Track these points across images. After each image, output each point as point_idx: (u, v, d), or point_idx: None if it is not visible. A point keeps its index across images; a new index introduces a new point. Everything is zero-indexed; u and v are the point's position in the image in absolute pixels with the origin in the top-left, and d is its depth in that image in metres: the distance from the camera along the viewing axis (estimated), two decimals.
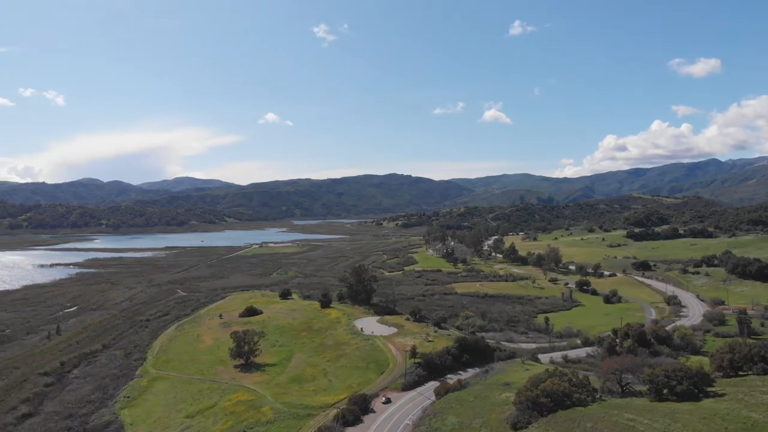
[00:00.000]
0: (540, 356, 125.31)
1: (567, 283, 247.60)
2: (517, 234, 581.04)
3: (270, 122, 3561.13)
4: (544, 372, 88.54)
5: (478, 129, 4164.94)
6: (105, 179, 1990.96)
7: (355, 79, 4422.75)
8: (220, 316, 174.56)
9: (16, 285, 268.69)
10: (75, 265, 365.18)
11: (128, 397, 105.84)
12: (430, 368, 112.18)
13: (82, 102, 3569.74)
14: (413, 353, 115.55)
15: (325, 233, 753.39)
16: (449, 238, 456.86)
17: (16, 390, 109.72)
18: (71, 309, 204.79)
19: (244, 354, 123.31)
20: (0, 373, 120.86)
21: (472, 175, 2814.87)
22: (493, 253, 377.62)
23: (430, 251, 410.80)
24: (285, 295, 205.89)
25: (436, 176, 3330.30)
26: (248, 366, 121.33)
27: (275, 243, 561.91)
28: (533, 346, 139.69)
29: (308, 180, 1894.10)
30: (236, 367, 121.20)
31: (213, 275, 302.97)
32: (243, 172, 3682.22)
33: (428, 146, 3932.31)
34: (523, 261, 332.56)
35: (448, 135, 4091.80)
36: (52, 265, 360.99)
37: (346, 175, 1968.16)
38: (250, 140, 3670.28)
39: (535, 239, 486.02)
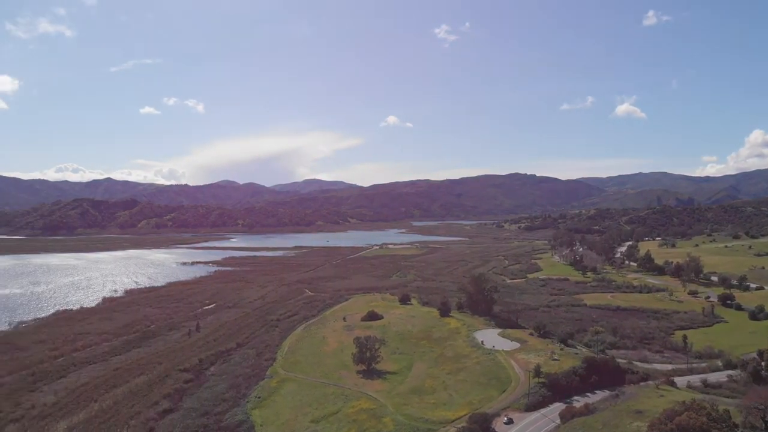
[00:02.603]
0: (676, 379, 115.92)
1: (708, 297, 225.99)
2: (653, 239, 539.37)
3: (391, 125, 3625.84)
4: (680, 403, 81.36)
5: (609, 125, 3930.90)
6: (241, 181, 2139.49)
7: (476, 78, 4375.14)
8: (344, 318, 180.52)
9: (161, 282, 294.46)
10: (213, 263, 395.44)
11: (259, 398, 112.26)
12: (554, 389, 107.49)
13: (220, 109, 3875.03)
14: (537, 372, 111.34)
15: (444, 235, 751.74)
16: (577, 244, 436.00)
17: (159, 385, 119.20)
18: (209, 306, 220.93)
19: (366, 360, 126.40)
20: (145, 368, 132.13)
21: (603, 174, 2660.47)
22: (627, 261, 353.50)
23: (556, 257, 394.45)
24: (404, 300, 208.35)
25: (563, 175, 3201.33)
26: (370, 372, 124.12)
27: (394, 244, 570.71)
28: (669, 367, 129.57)
29: (427, 181, 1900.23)
30: (358, 372, 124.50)
31: (337, 276, 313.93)
32: (365, 174, 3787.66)
33: (554, 144, 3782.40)
34: (659, 270, 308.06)
35: (575, 132, 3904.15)
36: (193, 263, 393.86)
37: (465, 176, 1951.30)
38: (371, 143, 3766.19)
39: (673, 246, 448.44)
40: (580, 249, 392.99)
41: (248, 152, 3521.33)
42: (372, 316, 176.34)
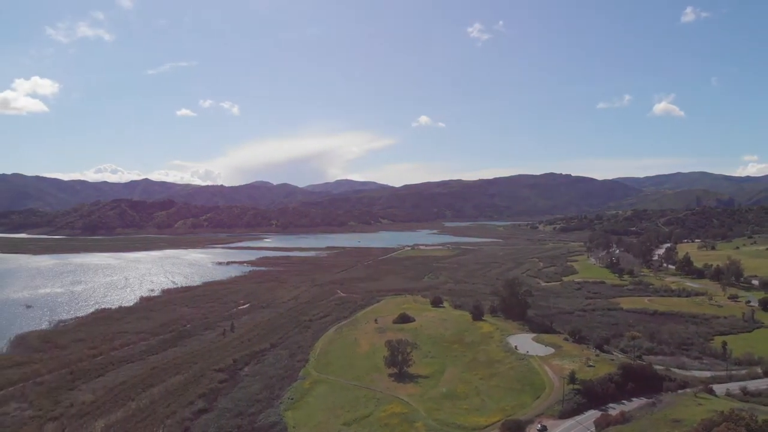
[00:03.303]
0: (715, 387, 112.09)
1: (749, 301, 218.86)
2: (692, 241, 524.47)
3: (423, 125, 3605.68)
4: (718, 413, 78.59)
5: (647, 123, 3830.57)
6: (274, 182, 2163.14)
7: (510, 77, 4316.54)
8: (376, 320, 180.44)
9: (197, 281, 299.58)
10: (248, 263, 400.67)
11: (292, 399, 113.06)
12: (589, 396, 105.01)
13: (254, 111, 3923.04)
14: (572, 379, 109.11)
15: (476, 236, 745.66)
16: (614, 246, 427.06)
17: (194, 385, 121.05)
18: (244, 306, 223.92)
19: (398, 363, 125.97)
20: (180, 368, 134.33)
21: (640, 174, 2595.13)
22: (664, 264, 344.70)
23: (592, 260, 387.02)
24: (436, 303, 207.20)
25: (599, 175, 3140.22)
26: (402, 376, 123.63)
27: (426, 245, 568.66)
28: (707, 374, 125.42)
29: (459, 181, 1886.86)
30: (390, 375, 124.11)
31: (369, 277, 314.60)
32: (397, 174, 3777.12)
33: (590, 143, 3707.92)
34: (698, 274, 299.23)
35: (612, 130, 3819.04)
36: (228, 263, 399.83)
37: (498, 175, 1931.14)
38: (403, 143, 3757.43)
39: (713, 248, 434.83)
40: (617, 251, 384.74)
41: (282, 153, 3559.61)
42: (404, 319, 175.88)
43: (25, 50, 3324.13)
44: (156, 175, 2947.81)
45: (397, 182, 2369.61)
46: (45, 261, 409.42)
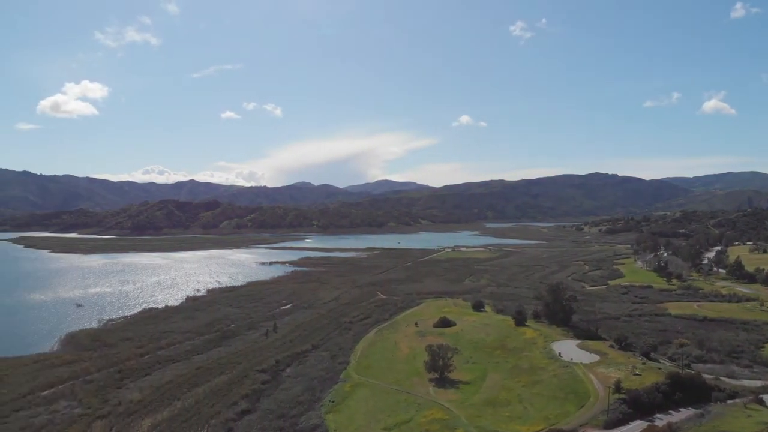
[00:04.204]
0: (765, 397, 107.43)
1: None
2: (744, 244, 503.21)
3: (464, 124, 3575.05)
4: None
5: (696, 122, 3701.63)
6: (315, 182, 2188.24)
7: (553, 75, 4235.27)
8: (416, 324, 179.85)
9: (241, 281, 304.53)
10: (290, 263, 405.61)
11: (333, 402, 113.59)
12: (635, 406, 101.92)
13: (296, 112, 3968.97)
14: (617, 388, 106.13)
15: (519, 238, 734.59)
16: (662, 248, 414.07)
17: (237, 385, 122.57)
18: (286, 306, 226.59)
19: (439, 368, 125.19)
20: (225, 368, 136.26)
21: (689, 174, 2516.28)
22: (714, 268, 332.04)
23: (639, 263, 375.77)
24: (478, 307, 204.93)
25: (646, 175, 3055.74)
26: (442, 381, 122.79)
27: (467, 247, 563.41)
28: (758, 383, 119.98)
29: (501, 181, 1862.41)
30: (431, 380, 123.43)
31: (409, 278, 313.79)
32: (436, 174, 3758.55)
33: (636, 142, 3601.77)
34: (750, 278, 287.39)
35: (660, 129, 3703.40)
36: (271, 263, 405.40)
37: (541, 176, 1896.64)
38: (444, 143, 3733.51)
39: (764, 251, 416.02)
40: (665, 254, 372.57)
41: (322, 154, 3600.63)
42: (444, 323, 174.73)
43: (74, 55, 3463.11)
44: (201, 176, 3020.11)
45: (437, 183, 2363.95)
46: (95, 260, 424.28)
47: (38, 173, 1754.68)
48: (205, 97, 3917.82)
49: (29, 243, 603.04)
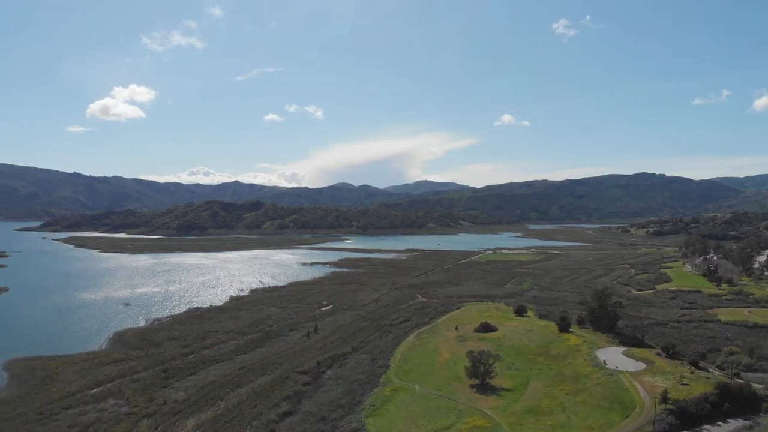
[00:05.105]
0: None
1: None
2: None
3: (506, 124, 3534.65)
4: None
5: (748, 120, 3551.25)
6: (356, 183, 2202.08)
7: (598, 73, 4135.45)
8: (456, 328, 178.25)
9: (283, 282, 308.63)
10: (331, 264, 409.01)
11: (373, 405, 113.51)
12: (683, 416, 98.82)
13: (337, 114, 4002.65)
14: (664, 398, 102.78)
15: (563, 240, 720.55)
16: (711, 252, 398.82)
17: (279, 386, 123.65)
18: (327, 307, 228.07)
19: (480, 375, 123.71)
20: (267, 369, 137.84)
21: (740, 174, 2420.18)
22: (766, 272, 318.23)
23: (688, 267, 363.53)
24: (520, 311, 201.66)
25: (695, 175, 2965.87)
26: (483, 387, 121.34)
27: (509, 249, 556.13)
28: None
29: (544, 181, 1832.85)
30: (472, 387, 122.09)
31: (449, 281, 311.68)
32: (477, 175, 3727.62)
33: (685, 141, 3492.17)
34: None
35: (709, 128, 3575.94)
36: (312, 264, 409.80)
37: (586, 176, 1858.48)
38: (485, 143, 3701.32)
39: None
40: (715, 258, 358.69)
41: (362, 155, 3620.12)
42: (485, 328, 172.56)
43: (123, 59, 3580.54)
44: (245, 177, 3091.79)
45: (478, 183, 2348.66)
46: (142, 260, 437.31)
47: (88, 175, 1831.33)
48: (249, 100, 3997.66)
49: (79, 243, 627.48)
